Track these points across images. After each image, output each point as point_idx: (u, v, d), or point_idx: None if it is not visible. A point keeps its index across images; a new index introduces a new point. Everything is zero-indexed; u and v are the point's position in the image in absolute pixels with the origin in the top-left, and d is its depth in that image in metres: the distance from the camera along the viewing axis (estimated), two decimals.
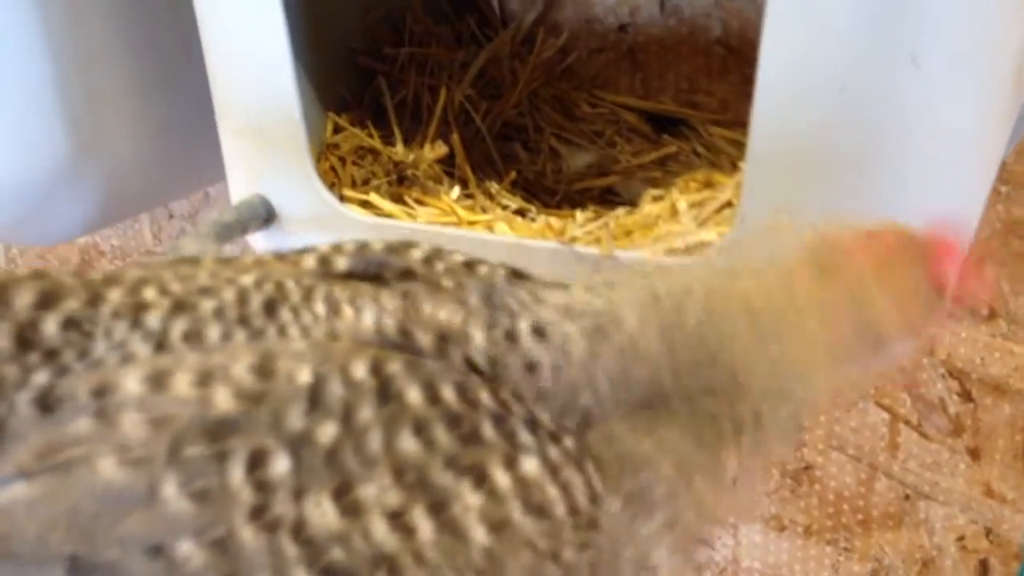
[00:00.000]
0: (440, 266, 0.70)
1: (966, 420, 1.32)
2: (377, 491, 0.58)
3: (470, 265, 0.69)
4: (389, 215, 0.93)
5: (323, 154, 1.06)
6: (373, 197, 0.94)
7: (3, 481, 0.59)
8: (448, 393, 0.61)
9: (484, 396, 0.61)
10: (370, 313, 0.64)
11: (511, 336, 0.63)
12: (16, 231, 1.16)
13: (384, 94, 1.21)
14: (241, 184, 0.95)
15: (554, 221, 0.91)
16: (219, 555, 0.57)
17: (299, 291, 0.66)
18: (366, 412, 0.59)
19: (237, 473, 0.57)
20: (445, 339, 0.64)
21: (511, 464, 0.60)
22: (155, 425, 0.58)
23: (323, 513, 0.57)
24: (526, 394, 0.63)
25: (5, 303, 0.64)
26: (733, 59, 1.30)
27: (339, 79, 1.18)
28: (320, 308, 0.65)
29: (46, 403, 0.60)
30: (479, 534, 0.58)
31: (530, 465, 0.60)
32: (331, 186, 0.98)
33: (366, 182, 1.04)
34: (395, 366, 0.61)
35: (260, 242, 0.97)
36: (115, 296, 0.65)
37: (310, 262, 0.70)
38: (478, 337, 0.64)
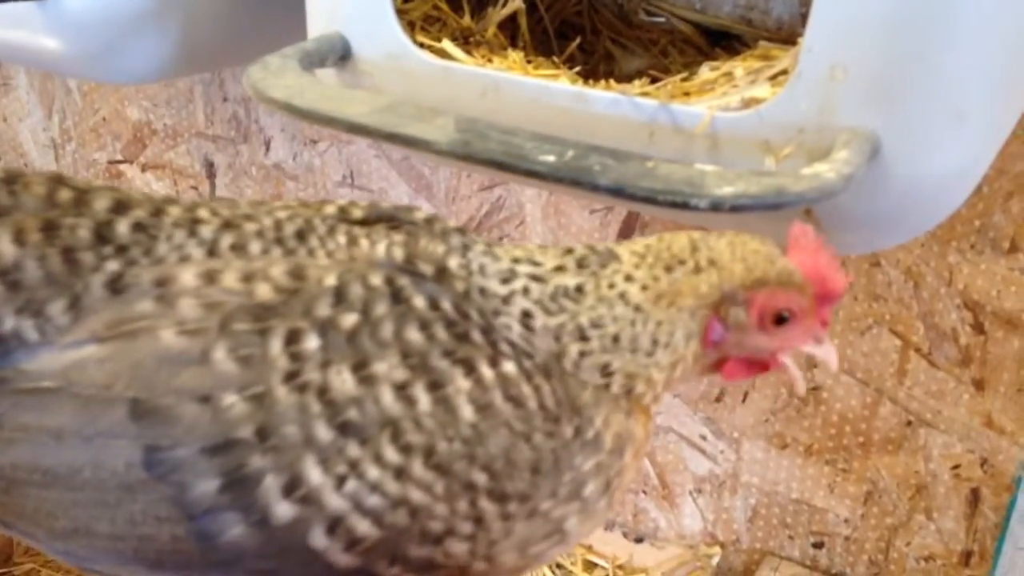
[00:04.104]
0: (438, 225, 0.86)
1: (975, 351, 1.37)
2: (387, 368, 0.72)
3: (462, 230, 0.86)
4: (461, 61, 0.98)
5: None
6: (445, 44, 1.00)
7: (78, 343, 0.73)
8: (447, 304, 0.77)
9: (475, 312, 0.78)
10: (382, 245, 0.80)
11: (481, 271, 0.80)
12: (94, 64, 1.22)
13: None
14: (321, 21, 1.01)
15: (614, 84, 0.96)
16: (256, 407, 0.70)
17: (324, 226, 0.82)
18: (381, 308, 0.74)
19: (276, 345, 0.72)
20: (442, 271, 0.80)
21: (495, 363, 0.75)
22: (208, 307, 0.73)
23: (343, 381, 0.71)
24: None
25: (87, 204, 0.79)
26: None
27: None
28: (341, 238, 0.81)
29: (116, 286, 0.76)
30: (467, 411, 0.73)
31: (509, 366, 0.76)
32: None
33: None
34: (404, 280, 0.77)
35: (333, 79, 1.03)
36: (175, 211, 0.81)
37: (331, 208, 0.85)
38: (454, 265, 0.81)
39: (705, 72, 0.94)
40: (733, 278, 0.78)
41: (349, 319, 0.73)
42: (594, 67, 1.33)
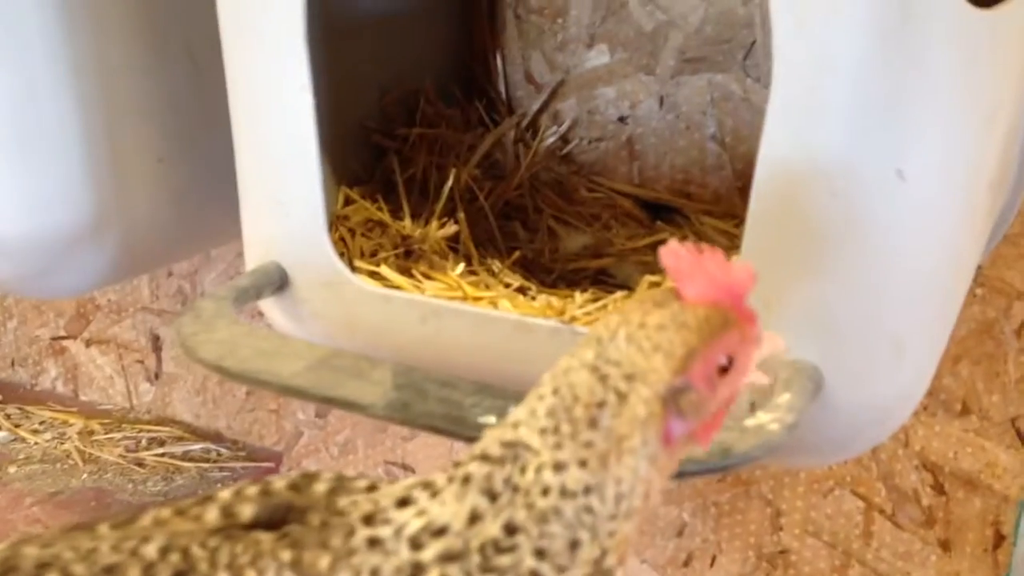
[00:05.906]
0: (343, 499, 0.69)
1: (938, 512, 1.36)
2: None
3: (373, 488, 0.70)
4: (398, 286, 0.97)
5: (333, 225, 1.11)
6: (383, 269, 0.99)
7: None
8: None
9: None
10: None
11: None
12: (29, 284, 1.20)
13: (395, 171, 1.27)
14: (257, 251, 1.00)
15: (554, 300, 0.95)
16: None
17: (205, 556, 0.66)
18: None
19: None
20: None
21: None
22: None
23: None
24: None
25: None
26: (726, 155, 1.37)
27: (353, 155, 1.23)
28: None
29: None
30: None
31: None
32: (340, 256, 1.03)
33: (374, 254, 1.09)
34: None
35: (271, 308, 1.01)
36: None
37: (213, 514, 0.70)
38: None
39: (644, 289, 0.94)
40: (663, 377, 0.65)
41: None
42: (539, 248, 1.34)
